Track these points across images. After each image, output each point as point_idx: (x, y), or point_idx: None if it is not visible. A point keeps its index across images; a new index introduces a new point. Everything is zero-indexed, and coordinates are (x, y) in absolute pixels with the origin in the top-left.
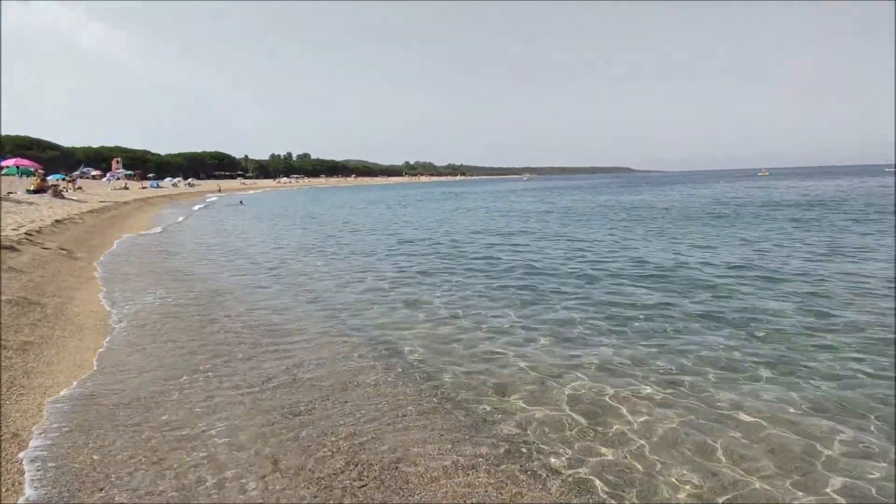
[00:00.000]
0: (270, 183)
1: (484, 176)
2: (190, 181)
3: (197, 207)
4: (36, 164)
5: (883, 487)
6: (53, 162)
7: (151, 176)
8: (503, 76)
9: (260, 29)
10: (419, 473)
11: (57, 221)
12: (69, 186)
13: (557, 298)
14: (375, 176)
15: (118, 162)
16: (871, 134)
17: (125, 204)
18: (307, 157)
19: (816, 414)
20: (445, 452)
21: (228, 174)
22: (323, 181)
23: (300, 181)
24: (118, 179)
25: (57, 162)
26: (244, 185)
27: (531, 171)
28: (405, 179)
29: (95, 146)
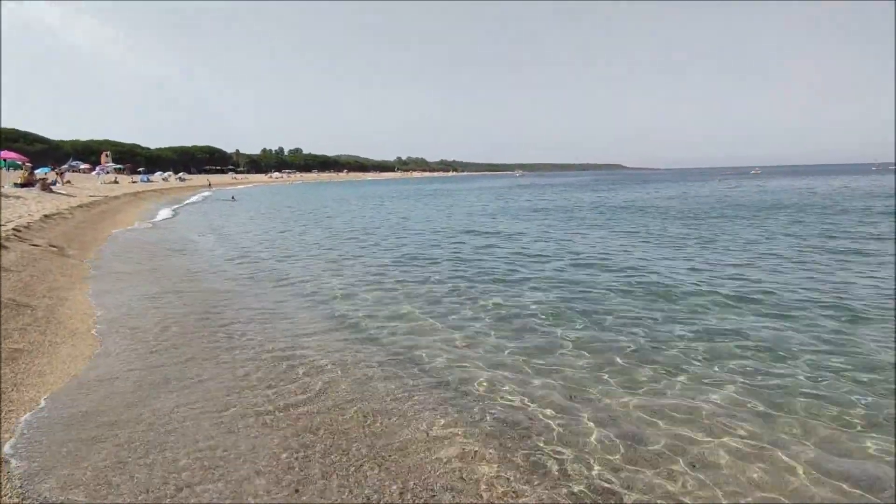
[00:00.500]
0: (262, 178)
1: (476, 172)
2: (181, 175)
3: (188, 203)
4: (23, 156)
5: None
6: (41, 155)
7: (141, 170)
8: (496, 74)
9: (252, 24)
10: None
11: (46, 216)
12: (59, 179)
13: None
14: (367, 171)
15: (107, 156)
16: (870, 134)
17: (115, 198)
18: (299, 151)
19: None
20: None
21: (219, 169)
22: (315, 176)
23: (292, 176)
24: (107, 173)
25: (45, 155)
26: (235, 179)
27: (524, 167)
28: (398, 175)
29: (84, 139)
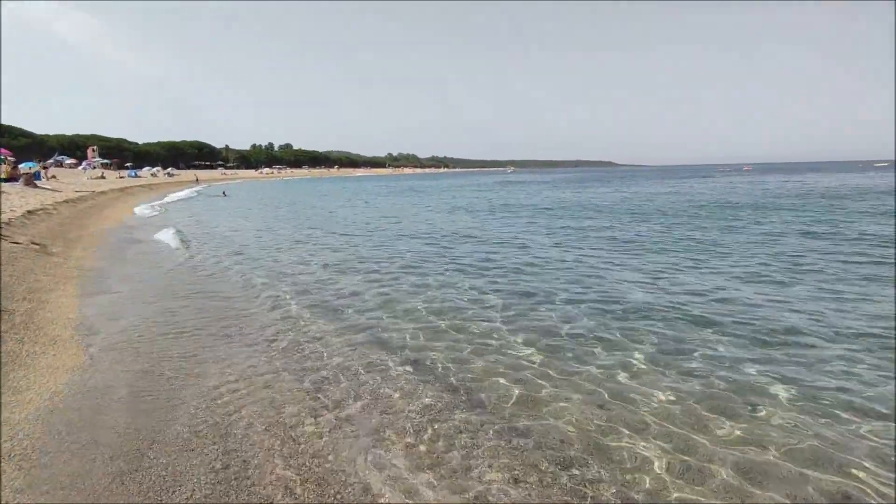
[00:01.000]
0: (251, 173)
1: (468, 168)
2: (169, 171)
3: (178, 199)
4: (6, 151)
5: None
6: (25, 150)
7: (129, 165)
8: (489, 73)
9: (244, 22)
10: None
11: (29, 212)
12: (44, 174)
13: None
14: (358, 167)
15: (94, 150)
16: (872, 131)
17: (102, 194)
18: (289, 147)
19: None
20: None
21: (208, 164)
22: (305, 172)
23: (282, 172)
24: (94, 168)
25: (29, 150)
26: (224, 175)
27: (516, 164)
28: (388, 171)
29: (70, 134)
